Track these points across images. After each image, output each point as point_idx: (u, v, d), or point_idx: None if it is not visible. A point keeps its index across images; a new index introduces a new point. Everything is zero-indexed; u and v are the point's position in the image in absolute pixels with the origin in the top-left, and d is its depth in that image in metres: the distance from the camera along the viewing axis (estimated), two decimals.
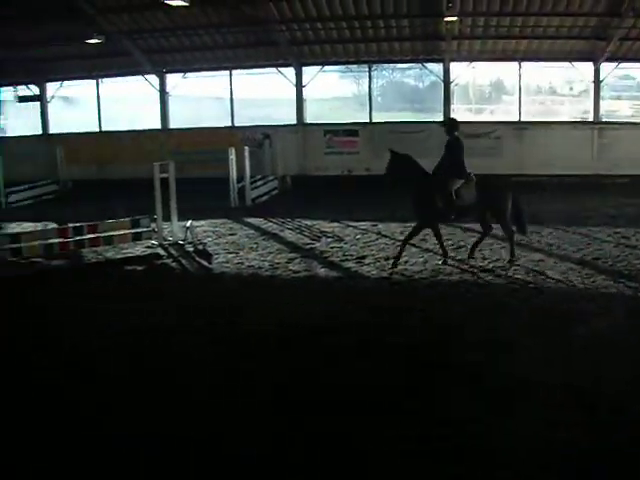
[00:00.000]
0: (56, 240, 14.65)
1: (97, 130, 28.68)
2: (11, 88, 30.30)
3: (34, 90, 29.29)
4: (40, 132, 29.58)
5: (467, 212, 13.13)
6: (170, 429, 6.41)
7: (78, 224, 15.00)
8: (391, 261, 12.85)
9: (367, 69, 26.04)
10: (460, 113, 25.79)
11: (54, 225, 18.15)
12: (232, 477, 5.69)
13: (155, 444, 6.10)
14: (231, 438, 6.24)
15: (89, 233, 14.58)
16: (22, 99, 29.27)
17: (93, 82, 28.53)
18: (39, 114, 29.49)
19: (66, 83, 29.19)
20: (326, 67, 26.09)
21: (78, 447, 6.16)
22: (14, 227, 19.10)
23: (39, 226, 18.81)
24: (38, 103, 29.32)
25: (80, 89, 29.42)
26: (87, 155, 27.59)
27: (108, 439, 6.26)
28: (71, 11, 23.09)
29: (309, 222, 17.78)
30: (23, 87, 29.53)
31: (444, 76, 25.23)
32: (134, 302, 10.98)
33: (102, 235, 14.65)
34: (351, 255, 13.61)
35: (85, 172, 27.03)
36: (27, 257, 14.63)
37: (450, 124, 13.31)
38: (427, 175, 12.96)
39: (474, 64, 25.43)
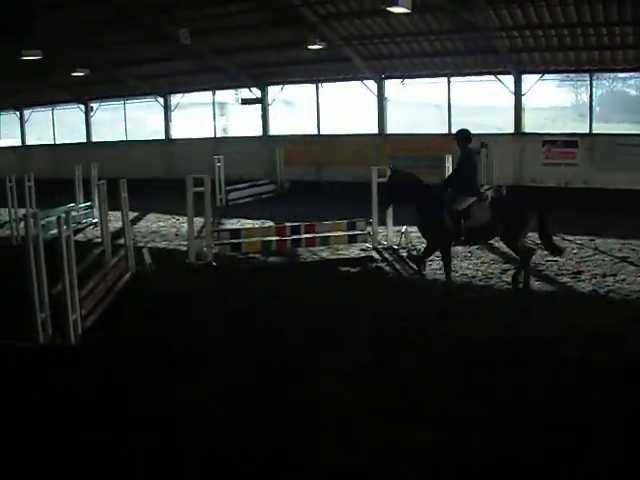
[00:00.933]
0: (274, 238, 15.21)
1: (316, 133, 29.37)
2: (234, 91, 31.63)
3: (256, 93, 30.33)
4: (261, 133, 30.66)
5: (479, 234, 12.30)
6: None
7: (296, 223, 15.53)
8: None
9: (588, 78, 25.22)
10: None
11: (271, 223, 18.85)
12: None
13: None
14: None
15: (306, 233, 15.03)
16: (245, 101, 30.37)
17: (313, 86, 29.22)
18: (260, 116, 30.53)
19: (287, 86, 30.05)
20: (545, 75, 25.49)
21: None
22: (234, 223, 19.94)
23: (257, 224, 19.55)
24: (259, 105, 30.35)
25: (300, 92, 30.20)
26: (305, 157, 28.32)
27: None
28: (294, 19, 23.80)
29: None
30: (246, 90, 30.66)
31: None
32: (340, 302, 11.39)
33: (318, 235, 15.03)
34: (566, 270, 13.26)
35: (303, 173, 27.87)
36: (245, 253, 15.29)
37: (462, 137, 12.56)
38: (433, 193, 12.43)
39: None
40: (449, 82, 26.25)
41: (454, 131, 12.94)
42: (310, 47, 24.52)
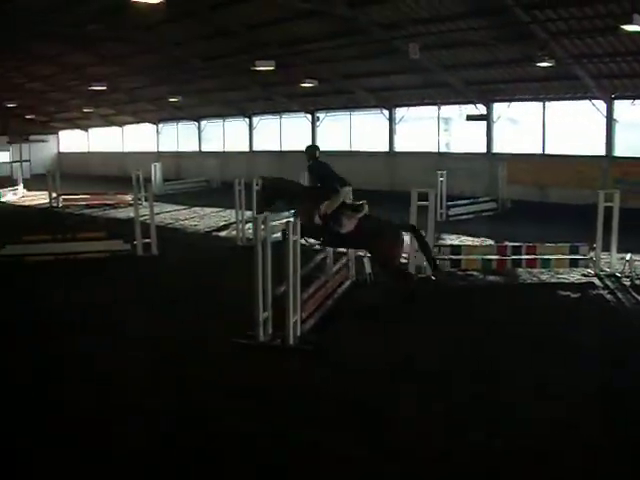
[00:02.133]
0: (494, 257, 15.05)
1: (540, 152, 28.81)
2: (458, 106, 31.58)
3: (481, 109, 30.13)
4: (484, 150, 30.46)
5: (343, 240, 12.65)
6: None
7: (517, 244, 15.29)
8: None
9: None
10: None
11: (491, 242, 18.68)
12: None
13: None
14: None
15: (527, 254, 14.76)
16: (470, 117, 30.24)
17: (539, 104, 28.69)
18: (484, 133, 30.31)
19: (512, 104, 29.67)
20: None
21: None
22: (453, 239, 19.90)
23: (476, 241, 19.43)
24: (484, 122, 30.11)
25: (525, 110, 29.70)
26: (528, 176, 27.88)
27: None
28: (524, 35, 23.45)
29: None
30: (471, 106, 30.52)
31: None
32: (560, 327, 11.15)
33: (539, 257, 14.74)
34: None
35: (525, 192, 27.54)
36: (464, 269, 15.23)
37: (308, 151, 13.62)
38: (306, 194, 13.21)
39: None
40: None
41: None
42: (538, 64, 24.05)
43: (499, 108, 30.02)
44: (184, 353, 9.98)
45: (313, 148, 13.85)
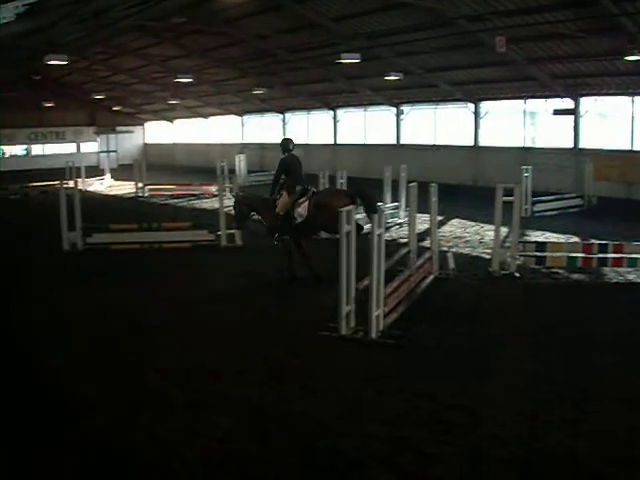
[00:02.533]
0: (580, 255, 14.79)
1: (628, 148, 28.06)
2: (543, 100, 31.06)
3: (568, 103, 29.58)
4: (570, 145, 29.86)
5: (306, 228, 13.22)
6: None
7: (603, 242, 15.01)
8: None
9: None
10: None
11: (576, 239, 18.40)
12: None
13: None
14: None
15: (614, 252, 14.45)
16: (557, 112, 29.65)
17: (627, 99, 28.05)
18: (571, 127, 29.73)
19: (600, 98, 29.07)
20: None
21: None
22: (537, 236, 19.66)
23: (561, 238, 19.14)
24: (571, 117, 29.55)
25: (613, 105, 29.07)
26: (616, 173, 27.30)
27: None
28: (612, 28, 22.93)
29: None
30: (557, 100, 30.00)
31: None
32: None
33: (626, 256, 14.43)
34: None
35: (612, 189, 26.99)
36: (549, 267, 15.02)
37: (283, 144, 14.32)
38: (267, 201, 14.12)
39: None
40: None
41: None
42: (627, 58, 23.53)
43: (586, 102, 29.36)
44: (262, 344, 10.15)
45: (287, 141, 14.43)
